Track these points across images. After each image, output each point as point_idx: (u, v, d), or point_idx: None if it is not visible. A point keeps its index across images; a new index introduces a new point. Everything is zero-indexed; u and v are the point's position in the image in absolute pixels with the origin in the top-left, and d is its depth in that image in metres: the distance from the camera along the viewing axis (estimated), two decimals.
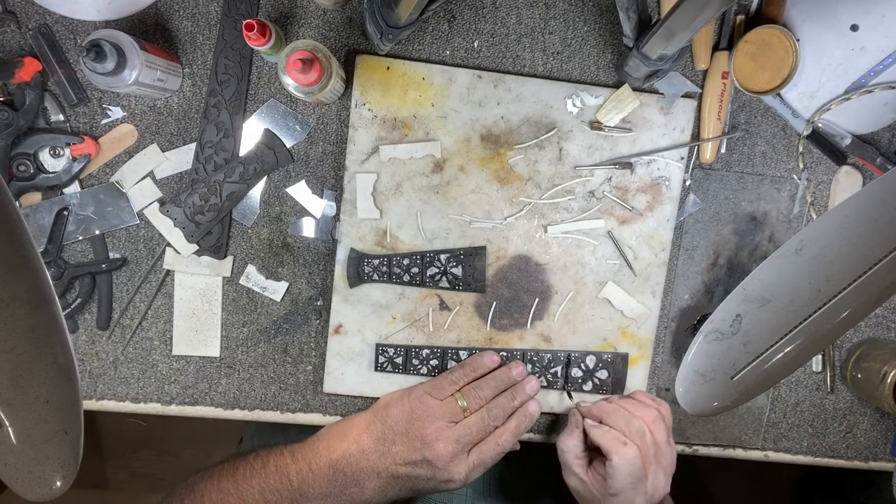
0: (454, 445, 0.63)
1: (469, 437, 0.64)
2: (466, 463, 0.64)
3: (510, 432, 0.66)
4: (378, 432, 0.64)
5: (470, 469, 0.64)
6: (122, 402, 0.72)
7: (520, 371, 0.69)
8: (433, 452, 0.62)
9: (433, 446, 0.62)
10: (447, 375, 0.67)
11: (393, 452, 0.63)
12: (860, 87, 0.69)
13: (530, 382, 0.69)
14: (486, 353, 0.70)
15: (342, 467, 0.63)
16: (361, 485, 0.63)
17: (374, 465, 0.63)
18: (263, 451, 0.65)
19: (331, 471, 0.63)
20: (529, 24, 0.69)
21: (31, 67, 0.64)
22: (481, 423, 0.64)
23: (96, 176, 0.68)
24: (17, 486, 0.42)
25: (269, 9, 0.68)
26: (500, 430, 0.66)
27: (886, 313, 0.76)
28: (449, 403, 0.65)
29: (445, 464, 0.62)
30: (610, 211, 0.70)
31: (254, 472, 0.63)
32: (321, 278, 0.71)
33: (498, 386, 0.67)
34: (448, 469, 0.63)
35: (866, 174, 0.73)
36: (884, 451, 0.78)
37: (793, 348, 0.56)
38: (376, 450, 0.63)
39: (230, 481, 0.63)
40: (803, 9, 0.69)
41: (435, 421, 0.63)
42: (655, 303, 0.72)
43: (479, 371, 0.68)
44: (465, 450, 0.64)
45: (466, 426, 0.64)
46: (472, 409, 0.65)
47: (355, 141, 0.68)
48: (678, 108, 0.70)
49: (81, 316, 0.70)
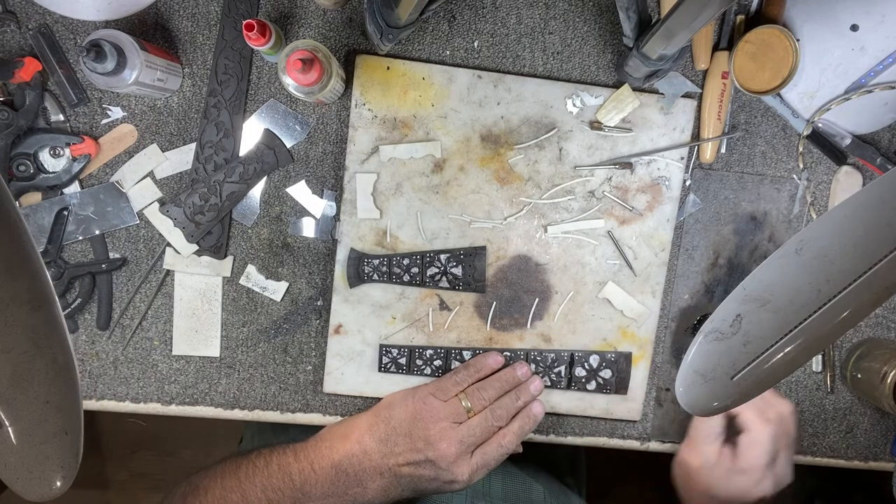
0: (458, 446, 0.63)
1: (473, 438, 0.64)
2: (470, 464, 0.64)
3: (514, 433, 0.66)
4: (381, 433, 0.64)
5: (473, 470, 0.64)
6: (122, 402, 0.72)
7: (524, 371, 0.69)
8: (437, 453, 0.62)
9: (437, 447, 0.62)
10: (451, 376, 0.67)
11: (396, 453, 0.63)
12: (860, 87, 0.69)
13: (534, 382, 0.69)
14: (490, 354, 0.70)
15: (345, 467, 0.63)
16: (364, 485, 0.63)
17: (377, 465, 0.63)
18: (266, 450, 0.65)
19: (333, 471, 0.63)
20: (529, 24, 0.69)
21: (31, 67, 0.64)
22: (485, 424, 0.65)
23: (96, 176, 0.68)
24: (17, 486, 0.42)
25: (269, 9, 0.68)
26: (503, 430, 0.66)
27: (886, 313, 0.76)
28: (453, 404, 0.65)
29: (449, 464, 0.62)
30: (610, 211, 0.70)
31: (256, 471, 0.63)
32: (321, 278, 0.71)
33: (502, 386, 0.67)
34: (451, 470, 0.63)
35: (866, 174, 0.73)
36: (884, 451, 0.78)
37: (793, 348, 0.55)
38: (379, 450, 0.63)
39: (233, 479, 0.63)
40: (803, 9, 0.69)
41: (439, 422, 0.63)
42: (655, 303, 0.72)
43: (483, 372, 0.68)
44: (469, 450, 0.64)
45: (470, 427, 0.64)
46: (475, 410, 0.65)
47: (355, 141, 0.68)
48: (678, 108, 0.70)
49: (81, 316, 0.70)
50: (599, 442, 0.75)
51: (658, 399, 0.75)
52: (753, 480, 0.63)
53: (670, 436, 0.75)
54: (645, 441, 0.75)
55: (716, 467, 0.64)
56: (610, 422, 0.75)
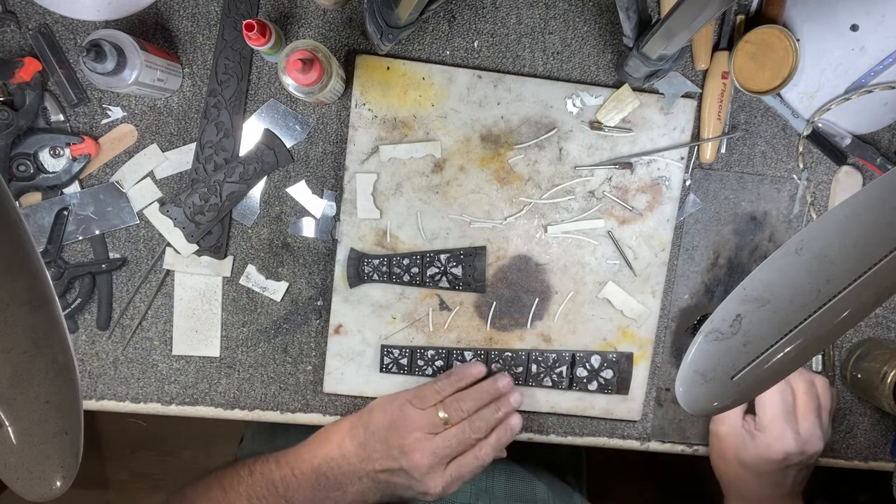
0: (431, 457, 0.62)
1: (448, 450, 0.63)
2: (444, 476, 0.63)
3: (490, 446, 0.65)
4: (360, 437, 0.64)
5: (447, 482, 0.63)
6: (122, 402, 0.72)
7: (506, 383, 0.68)
8: (410, 462, 0.62)
9: (410, 457, 0.62)
10: (431, 385, 0.67)
11: (373, 458, 0.63)
12: (860, 87, 0.69)
13: (514, 395, 0.68)
14: (472, 364, 0.69)
15: (325, 471, 0.63)
16: (344, 489, 0.63)
17: (355, 469, 0.63)
18: (250, 460, 0.66)
19: (314, 475, 0.63)
20: (529, 24, 0.69)
21: (31, 67, 0.64)
22: (462, 436, 0.64)
23: (96, 176, 0.68)
24: (17, 486, 0.42)
25: (269, 9, 0.68)
26: (481, 443, 0.65)
27: (886, 313, 0.76)
28: (430, 414, 0.64)
29: (422, 475, 0.62)
30: (610, 211, 0.70)
31: (241, 480, 0.64)
32: (321, 278, 0.71)
33: (482, 398, 0.66)
34: (424, 481, 0.62)
35: (866, 174, 0.73)
36: (884, 451, 0.78)
37: (793, 348, 0.55)
38: (357, 454, 0.63)
39: (218, 490, 0.64)
40: (803, 9, 0.69)
41: (413, 431, 0.63)
42: (655, 303, 0.72)
43: (464, 381, 0.68)
44: (444, 462, 0.63)
45: (446, 438, 0.63)
46: (453, 422, 0.64)
47: (355, 141, 0.68)
48: (678, 108, 0.70)
49: (81, 316, 0.70)
50: (599, 442, 0.75)
51: (658, 399, 0.75)
52: (774, 436, 0.65)
53: (670, 436, 0.75)
54: (645, 441, 0.75)
55: (740, 430, 0.68)
56: (610, 422, 0.75)
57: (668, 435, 0.75)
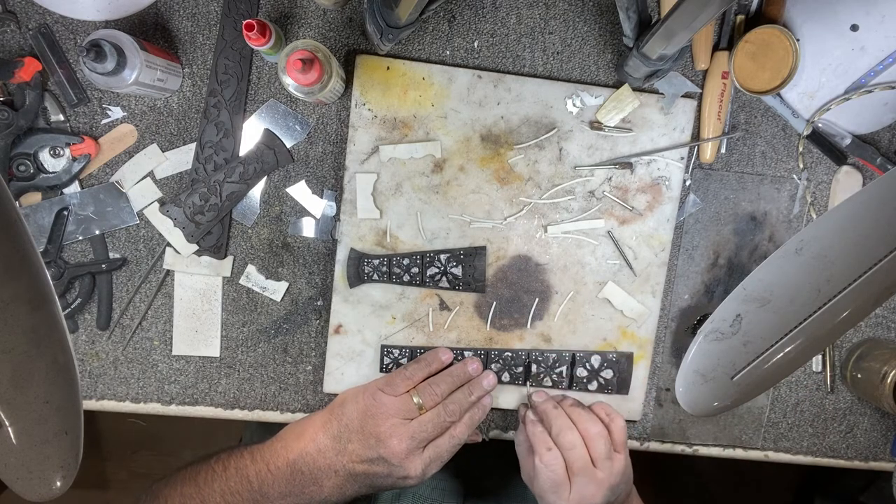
0: (409, 442, 0.62)
1: (424, 434, 0.64)
2: (422, 458, 0.63)
3: (465, 425, 0.66)
4: (334, 430, 0.64)
5: (426, 464, 0.64)
6: (122, 402, 0.72)
7: (476, 367, 0.69)
8: (388, 450, 0.62)
9: (387, 443, 0.62)
10: (401, 371, 0.67)
11: (349, 450, 0.63)
12: (860, 87, 0.69)
13: (487, 378, 0.69)
14: (440, 349, 0.70)
15: (300, 466, 0.63)
16: (320, 483, 0.63)
17: (331, 463, 0.63)
18: (224, 454, 0.66)
19: (289, 470, 0.63)
20: (529, 24, 0.69)
21: (31, 67, 0.64)
22: (437, 420, 0.64)
23: (96, 176, 0.68)
24: (17, 486, 0.42)
25: (269, 9, 0.68)
26: (455, 423, 0.66)
27: (886, 313, 0.76)
28: (404, 400, 0.64)
29: (401, 461, 0.62)
30: (610, 211, 0.70)
31: (215, 476, 0.64)
32: (321, 278, 0.71)
33: (454, 381, 0.67)
34: (403, 466, 0.63)
35: (866, 174, 0.73)
36: (884, 451, 0.78)
37: (793, 348, 0.55)
38: (332, 448, 0.63)
39: (192, 486, 0.64)
40: (803, 9, 0.69)
41: (388, 418, 0.63)
42: (655, 303, 0.72)
43: (433, 366, 0.68)
44: (421, 446, 0.64)
45: (422, 423, 0.64)
46: (427, 406, 0.65)
47: (355, 141, 0.68)
48: (678, 108, 0.70)
49: (81, 316, 0.70)
50: None
51: (658, 399, 0.75)
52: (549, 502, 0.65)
53: (670, 436, 0.75)
54: (645, 441, 0.75)
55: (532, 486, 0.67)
56: None
57: (667, 435, 0.75)
